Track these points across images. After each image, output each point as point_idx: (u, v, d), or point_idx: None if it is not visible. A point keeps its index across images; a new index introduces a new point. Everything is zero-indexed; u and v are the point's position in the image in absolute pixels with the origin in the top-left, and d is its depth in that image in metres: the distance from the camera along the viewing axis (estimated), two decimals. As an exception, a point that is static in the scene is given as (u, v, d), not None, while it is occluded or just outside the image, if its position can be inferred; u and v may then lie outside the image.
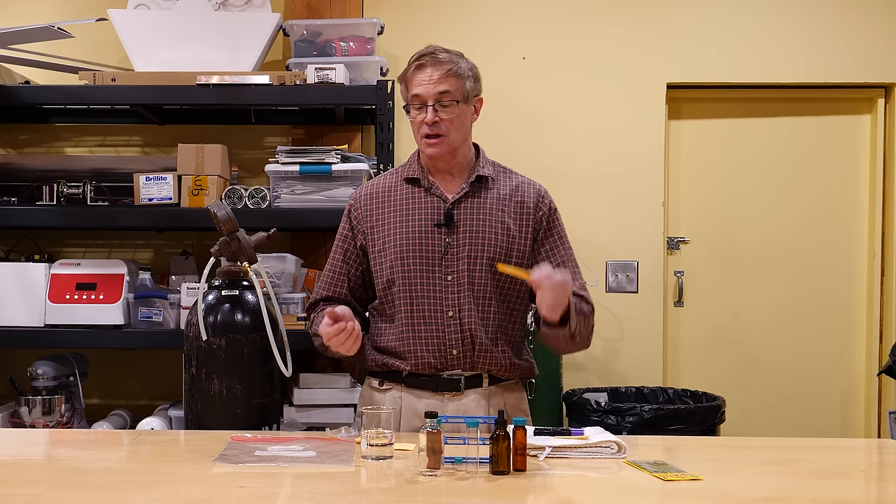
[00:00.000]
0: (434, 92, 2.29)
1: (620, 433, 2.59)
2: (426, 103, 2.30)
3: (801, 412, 4.06)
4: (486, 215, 2.35)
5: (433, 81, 2.29)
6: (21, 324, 3.30)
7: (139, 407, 3.63)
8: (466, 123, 2.37)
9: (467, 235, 2.33)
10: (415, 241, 2.33)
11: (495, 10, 3.92)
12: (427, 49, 2.35)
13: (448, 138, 2.32)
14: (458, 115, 2.32)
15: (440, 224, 2.34)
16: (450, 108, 2.30)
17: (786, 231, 4.06)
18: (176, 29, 3.48)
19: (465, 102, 2.33)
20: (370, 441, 1.93)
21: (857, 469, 2.10)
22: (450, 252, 2.32)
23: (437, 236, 2.34)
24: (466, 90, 2.33)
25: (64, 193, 3.39)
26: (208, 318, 2.51)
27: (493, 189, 2.39)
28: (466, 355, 2.32)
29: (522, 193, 2.41)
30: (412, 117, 2.34)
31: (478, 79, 2.39)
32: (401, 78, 2.39)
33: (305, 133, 3.77)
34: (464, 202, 2.36)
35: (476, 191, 2.38)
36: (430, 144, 2.32)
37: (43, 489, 1.79)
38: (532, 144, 3.88)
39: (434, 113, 2.29)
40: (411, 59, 2.35)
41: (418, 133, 2.34)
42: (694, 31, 3.93)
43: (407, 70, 2.35)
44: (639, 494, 1.78)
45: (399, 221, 2.37)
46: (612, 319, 3.94)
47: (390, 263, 2.35)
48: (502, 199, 2.38)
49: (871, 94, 4.04)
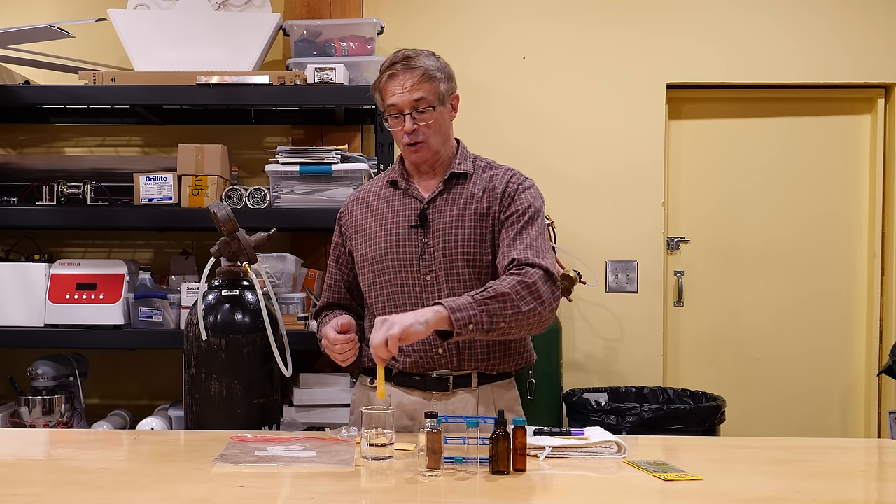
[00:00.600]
0: (410, 100, 2.27)
1: (620, 433, 2.59)
2: (403, 112, 2.28)
3: (801, 412, 4.06)
4: (460, 211, 2.33)
5: (407, 90, 2.27)
6: (21, 324, 3.30)
7: (139, 407, 3.63)
8: (445, 124, 2.35)
9: (441, 233, 2.32)
10: (392, 244, 2.34)
11: (495, 10, 3.92)
12: (396, 56, 2.31)
13: (429, 143, 2.31)
14: (436, 118, 2.30)
15: (416, 225, 2.33)
16: (426, 113, 2.28)
17: (786, 231, 4.06)
18: (176, 29, 3.48)
19: (441, 104, 2.31)
20: (370, 441, 1.93)
21: (857, 469, 2.09)
22: (426, 252, 2.32)
23: (413, 237, 2.33)
24: (441, 92, 2.30)
25: (64, 193, 3.39)
26: (208, 318, 2.51)
27: (469, 184, 2.36)
28: (452, 354, 2.30)
29: (494, 183, 2.35)
30: (391, 126, 2.34)
31: (451, 77, 2.35)
32: (374, 87, 2.36)
33: (305, 133, 3.77)
34: (438, 201, 2.35)
35: (451, 188, 2.36)
36: (413, 151, 2.32)
37: (43, 489, 1.79)
38: (532, 144, 3.88)
39: (412, 121, 2.28)
40: (382, 67, 2.32)
41: (400, 141, 2.34)
42: (694, 30, 3.93)
43: (379, 80, 2.32)
44: (639, 494, 1.78)
45: (378, 225, 2.38)
46: (612, 319, 3.94)
47: (371, 266, 2.36)
48: (476, 193, 2.35)
49: (871, 94, 4.04)
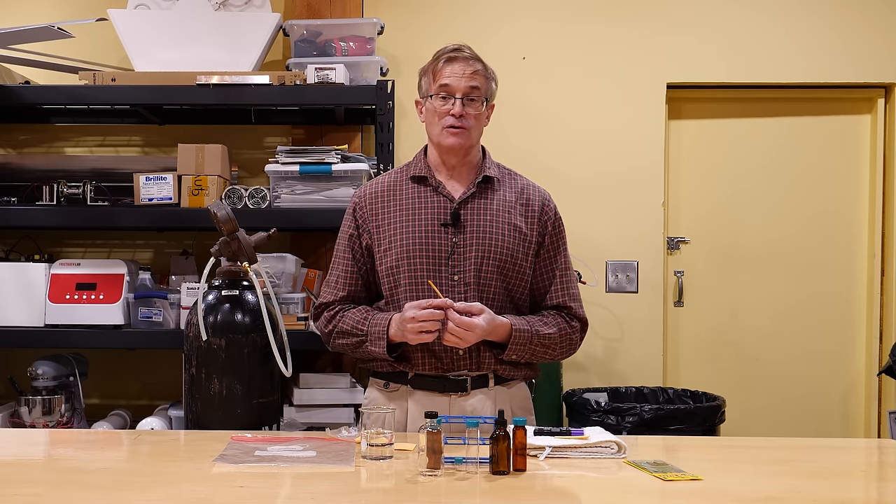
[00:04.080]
0: (465, 86, 2.33)
1: (620, 433, 2.60)
2: (455, 95, 2.32)
3: (801, 412, 4.06)
4: (494, 216, 2.36)
5: (466, 76, 2.33)
6: (21, 324, 3.30)
7: (139, 407, 3.63)
8: (482, 123, 2.41)
9: (475, 235, 2.33)
10: (421, 241, 2.33)
11: (495, 10, 3.92)
12: (457, 45, 2.39)
13: (469, 132, 2.35)
14: (481, 112, 2.37)
15: (447, 224, 2.34)
16: (476, 103, 2.35)
17: (786, 231, 4.06)
18: (176, 29, 3.48)
19: (486, 103, 2.39)
20: (370, 441, 1.93)
21: (857, 469, 2.09)
22: (456, 252, 2.32)
23: (443, 236, 2.33)
24: (490, 92, 2.39)
25: (64, 193, 3.39)
26: (208, 318, 2.50)
27: (500, 190, 2.40)
28: (472, 356, 2.31)
29: (528, 196, 2.43)
30: (436, 107, 2.34)
31: (497, 84, 2.44)
32: (425, 70, 2.40)
33: (305, 133, 3.77)
34: (471, 202, 2.37)
35: (483, 191, 2.39)
36: (453, 133, 2.34)
37: (43, 489, 1.79)
38: (532, 144, 3.88)
39: (462, 106, 2.32)
40: (439, 52, 2.38)
41: (439, 123, 2.35)
42: (694, 30, 3.93)
43: (436, 62, 2.37)
44: (639, 494, 1.78)
45: (405, 220, 2.36)
46: (612, 319, 3.94)
47: (396, 262, 2.34)
48: (509, 200, 2.39)
49: (871, 94, 4.04)
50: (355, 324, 2.35)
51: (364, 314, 2.36)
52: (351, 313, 2.37)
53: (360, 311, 2.38)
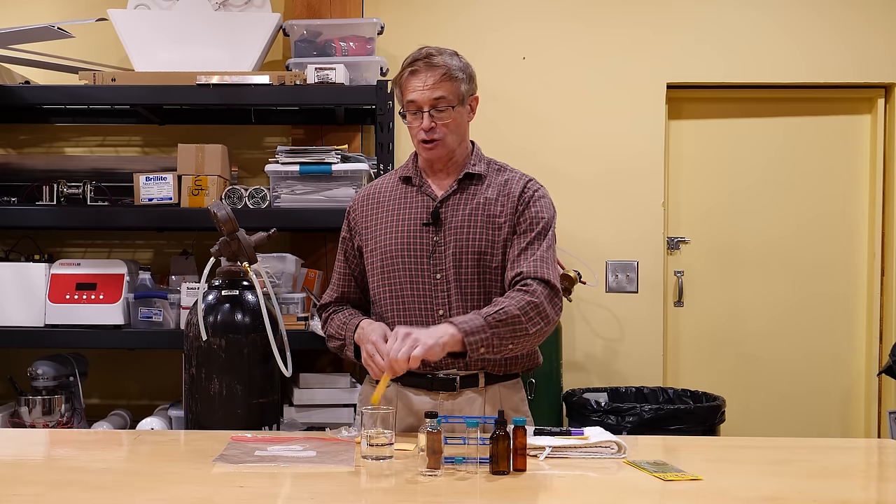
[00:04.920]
0: (429, 98, 2.27)
1: (620, 433, 2.59)
2: (422, 109, 2.28)
3: (801, 412, 4.06)
4: (472, 212, 2.33)
5: (428, 87, 2.26)
6: (21, 324, 3.31)
7: (139, 407, 3.63)
8: (463, 125, 2.35)
9: (453, 233, 2.31)
10: (403, 241, 2.33)
11: (495, 11, 3.92)
12: (420, 52, 2.31)
13: (445, 142, 2.31)
14: (455, 118, 2.30)
15: (428, 223, 2.33)
16: (445, 112, 2.28)
17: (786, 231, 4.06)
18: (176, 29, 3.48)
19: (460, 105, 2.31)
20: (370, 441, 1.93)
21: (857, 469, 2.09)
22: (437, 250, 2.31)
23: (425, 235, 2.32)
24: (461, 93, 2.31)
25: (64, 193, 3.39)
26: (208, 318, 2.51)
27: (483, 185, 2.36)
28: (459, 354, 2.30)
29: (511, 187, 2.37)
30: (408, 122, 2.33)
31: (472, 78, 2.36)
32: (395, 82, 2.36)
33: (305, 133, 3.77)
34: (451, 200, 2.35)
35: (464, 188, 2.36)
36: (427, 149, 2.32)
37: (43, 489, 1.79)
38: (532, 144, 3.88)
39: (430, 119, 2.27)
40: (405, 62, 2.31)
41: (415, 137, 2.33)
42: (694, 31, 3.93)
43: (401, 75, 2.32)
44: (639, 494, 1.78)
45: (391, 221, 2.36)
46: (612, 319, 3.94)
47: (380, 262, 2.35)
48: (491, 195, 2.35)
49: (871, 94, 4.04)
50: (337, 328, 2.38)
51: (346, 318, 2.38)
52: (338, 317, 2.41)
53: (344, 314, 2.40)
